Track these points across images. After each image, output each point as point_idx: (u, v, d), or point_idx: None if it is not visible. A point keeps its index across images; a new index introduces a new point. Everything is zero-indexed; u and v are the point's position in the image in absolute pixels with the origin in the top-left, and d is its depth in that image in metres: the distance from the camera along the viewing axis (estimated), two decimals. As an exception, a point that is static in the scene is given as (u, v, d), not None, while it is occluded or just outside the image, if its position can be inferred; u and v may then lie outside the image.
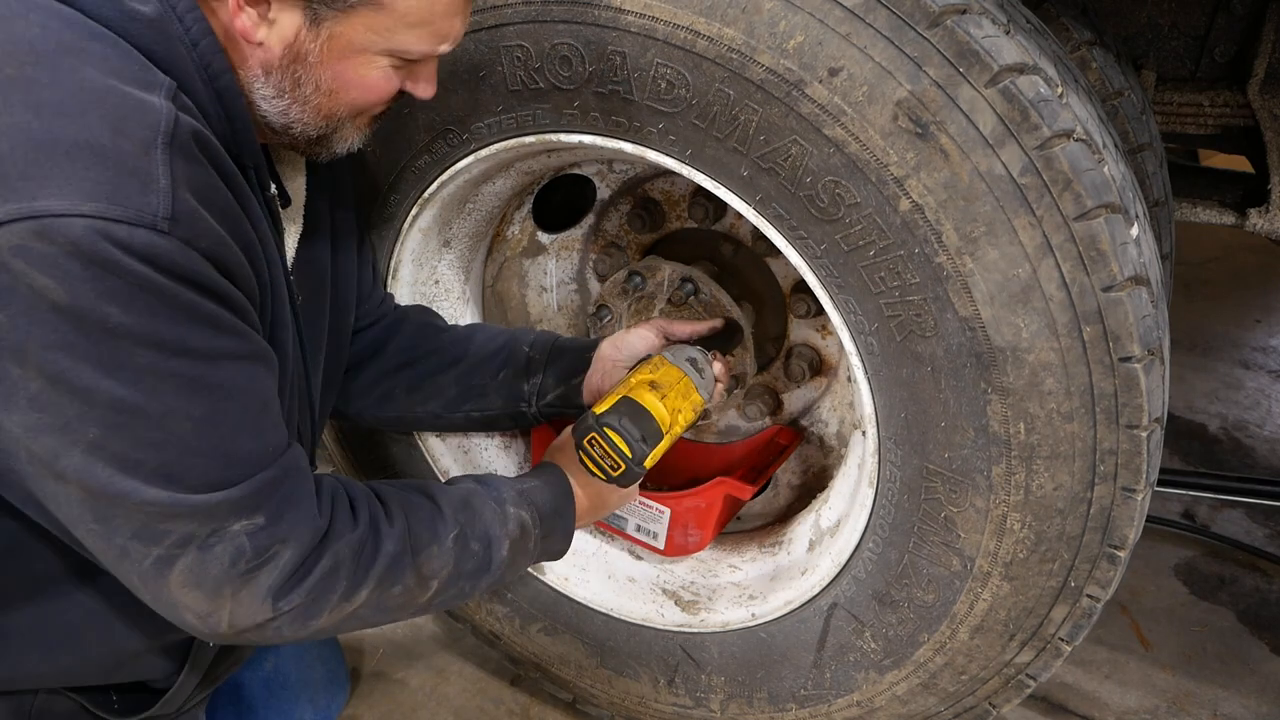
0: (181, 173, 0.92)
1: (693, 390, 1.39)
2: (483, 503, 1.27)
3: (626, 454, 1.29)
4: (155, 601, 1.04)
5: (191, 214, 0.92)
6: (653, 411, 1.31)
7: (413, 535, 1.18)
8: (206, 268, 0.94)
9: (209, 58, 1.00)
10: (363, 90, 1.09)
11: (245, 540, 1.01)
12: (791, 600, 1.58)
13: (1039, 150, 1.08)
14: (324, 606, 1.09)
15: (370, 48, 1.05)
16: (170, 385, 0.94)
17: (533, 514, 1.30)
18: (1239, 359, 3.39)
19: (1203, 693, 2.08)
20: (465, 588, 1.23)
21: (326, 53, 1.04)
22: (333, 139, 1.14)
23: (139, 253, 0.88)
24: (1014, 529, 1.27)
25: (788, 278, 1.68)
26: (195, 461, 0.98)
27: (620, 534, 1.78)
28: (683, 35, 1.18)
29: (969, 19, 1.08)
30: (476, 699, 2.05)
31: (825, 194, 1.19)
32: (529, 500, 1.31)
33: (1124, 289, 1.11)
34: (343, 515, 1.12)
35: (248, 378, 1.01)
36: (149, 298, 0.90)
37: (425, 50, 1.08)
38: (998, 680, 1.43)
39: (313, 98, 1.07)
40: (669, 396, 1.35)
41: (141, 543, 0.98)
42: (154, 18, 0.97)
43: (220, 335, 0.97)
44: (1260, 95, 1.78)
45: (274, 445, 1.05)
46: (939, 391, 1.24)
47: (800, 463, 1.83)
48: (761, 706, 1.68)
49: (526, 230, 1.86)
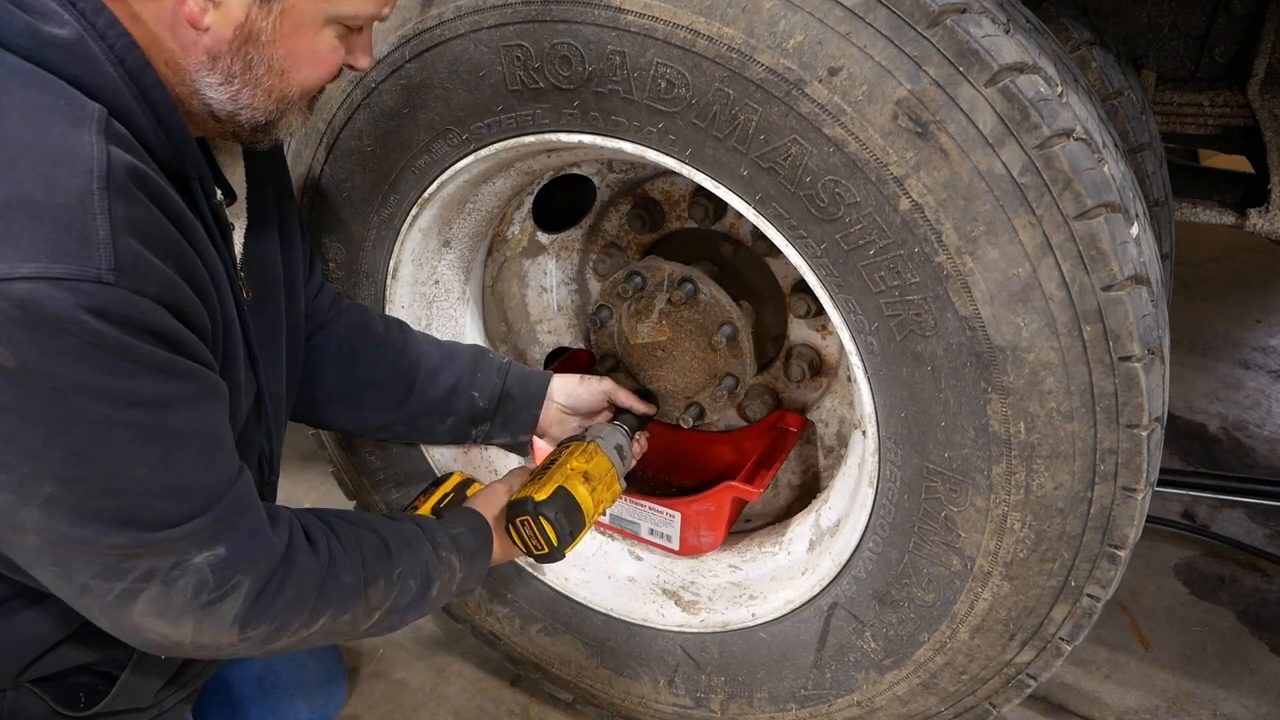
0: (122, 216, 0.90)
1: (615, 481, 1.54)
2: (421, 544, 1.33)
3: (554, 543, 1.45)
4: (115, 629, 1.04)
5: (136, 260, 0.90)
6: (583, 505, 1.47)
7: (365, 567, 1.22)
8: (156, 314, 0.93)
9: (138, 73, 0.97)
10: (314, 65, 1.08)
11: (208, 571, 1.03)
12: (792, 600, 1.58)
13: (1039, 149, 1.08)
14: (286, 631, 1.13)
15: (318, 18, 1.04)
16: (124, 436, 0.94)
17: (459, 559, 1.37)
18: (1239, 359, 3.39)
19: (1203, 693, 2.07)
20: (398, 620, 1.29)
21: (279, 29, 1.02)
22: (278, 124, 1.12)
23: (86, 308, 0.86)
24: (1014, 528, 1.27)
25: (788, 277, 1.68)
26: (153, 502, 0.98)
27: (634, 537, 1.79)
28: (682, 35, 1.18)
29: (969, 18, 1.08)
30: (476, 699, 2.04)
31: (825, 193, 1.19)
32: (458, 546, 1.38)
33: (1124, 288, 1.11)
34: (301, 545, 1.15)
35: (200, 417, 1.01)
36: (98, 353, 0.89)
37: (369, 13, 1.08)
38: (998, 680, 1.43)
39: (264, 79, 1.05)
40: (597, 489, 1.49)
41: (104, 580, 0.99)
42: (73, 41, 0.93)
43: (171, 380, 0.96)
44: (1260, 95, 1.78)
45: (228, 476, 1.06)
46: (939, 391, 1.24)
47: (800, 463, 1.83)
48: (762, 706, 1.68)
49: (526, 230, 1.86)
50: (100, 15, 0.95)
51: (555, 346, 2.00)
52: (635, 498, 1.75)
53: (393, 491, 1.89)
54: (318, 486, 2.71)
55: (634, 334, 1.74)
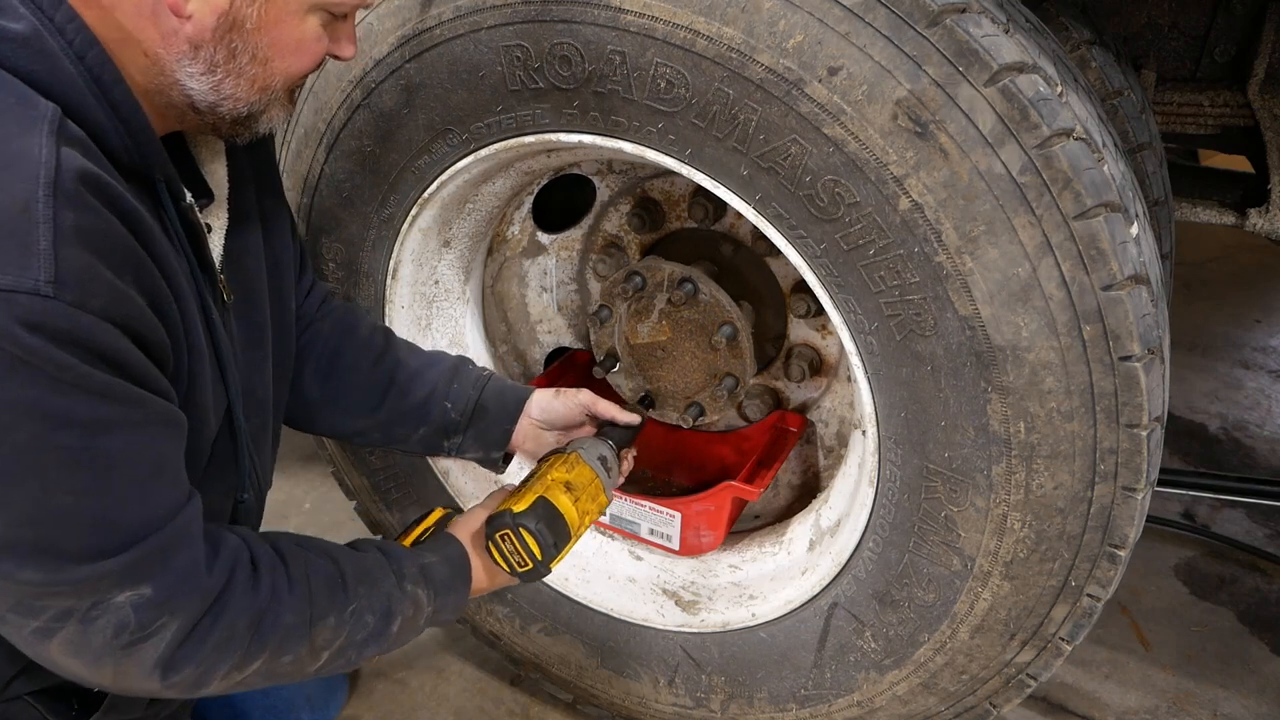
0: (70, 225, 0.85)
1: (601, 492, 1.43)
2: (383, 575, 1.23)
3: (538, 556, 1.33)
4: (38, 659, 0.99)
5: (81, 272, 0.85)
6: (566, 516, 1.36)
7: (313, 605, 1.13)
8: (100, 331, 0.88)
9: (98, 70, 0.92)
10: (298, 54, 1.05)
11: (130, 612, 0.96)
12: (792, 600, 1.58)
13: (1039, 149, 1.08)
14: (214, 676, 1.05)
15: (302, 5, 1.01)
16: (52, 459, 0.88)
17: (429, 592, 1.27)
18: (1239, 359, 3.39)
19: (1203, 693, 2.07)
20: (353, 657, 1.20)
21: (264, 16, 0.99)
22: (260, 117, 1.08)
23: (20, 321, 0.82)
24: (1014, 528, 1.27)
25: (788, 277, 1.68)
26: (75, 532, 0.91)
27: (634, 537, 1.79)
28: (682, 35, 1.18)
29: (968, 18, 1.08)
30: (476, 699, 2.04)
31: (825, 193, 1.19)
32: (427, 577, 1.28)
33: (1124, 288, 1.11)
34: (241, 581, 1.07)
35: (139, 444, 0.94)
36: (30, 370, 0.83)
37: (353, 0, 1.06)
38: (998, 680, 1.43)
39: (248, 69, 1.01)
40: (581, 499, 1.39)
41: (19, 615, 0.94)
42: (28, 35, 0.88)
43: (109, 403, 0.90)
44: (1260, 95, 1.78)
45: (165, 508, 0.99)
46: (939, 391, 1.24)
47: (800, 463, 1.83)
48: (762, 706, 1.68)
49: (526, 230, 1.86)
50: (59, 9, 0.90)
51: (555, 346, 2.00)
52: (635, 498, 1.75)
53: (393, 492, 1.89)
54: (317, 486, 2.71)
55: (634, 334, 1.74)
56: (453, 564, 1.33)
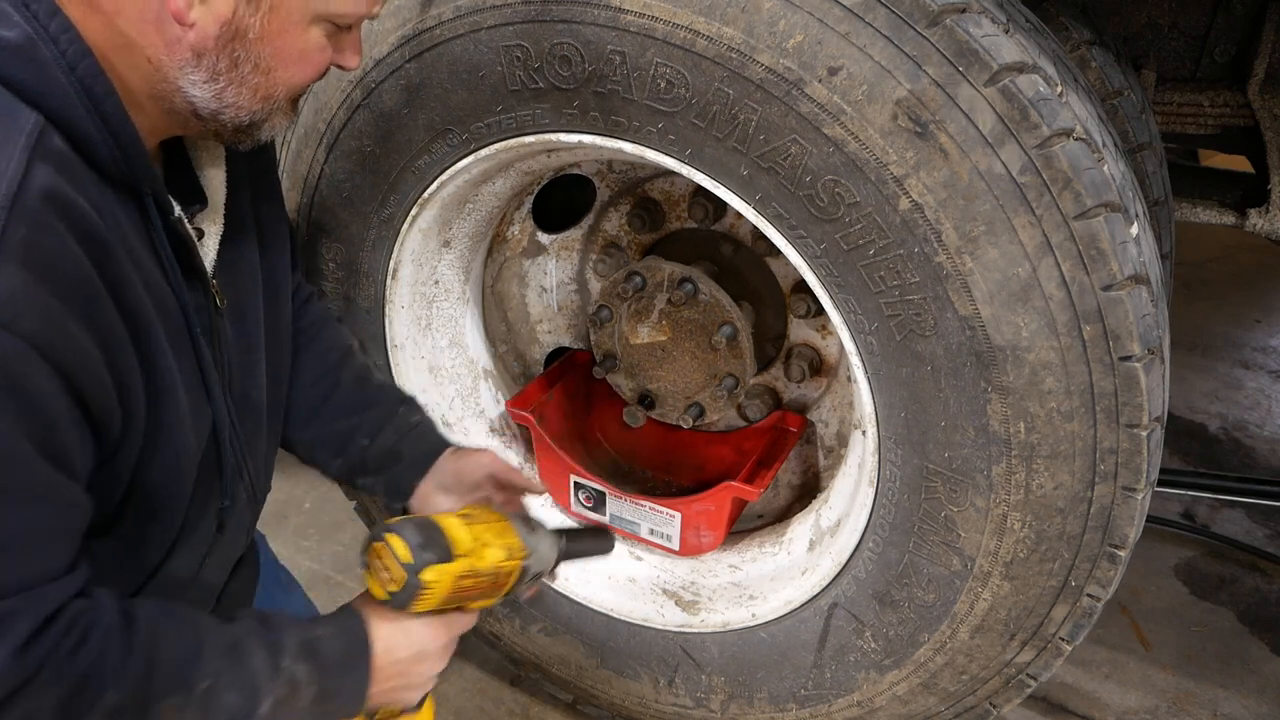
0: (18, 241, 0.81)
1: (511, 533, 1.23)
2: (255, 649, 1.08)
3: (405, 559, 1.10)
4: None
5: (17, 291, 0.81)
6: (448, 532, 1.15)
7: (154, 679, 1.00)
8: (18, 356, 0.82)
9: (90, 81, 0.91)
10: (301, 64, 1.03)
11: None
12: (792, 600, 1.58)
13: (1038, 149, 1.08)
14: None
15: (306, 15, 1.00)
16: None
17: (312, 669, 1.10)
18: (1239, 359, 3.39)
19: (1203, 693, 2.07)
20: None
21: (267, 26, 0.98)
22: (263, 125, 1.06)
23: None
24: (1014, 528, 1.27)
25: (788, 277, 1.68)
26: None
27: (634, 537, 1.79)
28: (682, 35, 1.18)
29: (968, 18, 1.08)
30: (476, 699, 2.04)
31: (825, 193, 1.19)
32: (312, 653, 1.11)
33: (1124, 288, 1.11)
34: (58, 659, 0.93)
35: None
36: None
37: (359, 12, 1.03)
38: (998, 680, 1.43)
39: (250, 77, 1.00)
40: (475, 526, 1.20)
41: None
42: (19, 43, 0.87)
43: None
44: (1260, 95, 1.78)
45: None
46: (939, 391, 1.24)
47: (800, 463, 1.83)
48: (762, 706, 1.68)
49: (526, 230, 1.86)
50: (54, 19, 0.89)
51: (555, 346, 2.00)
52: (635, 498, 1.75)
53: (393, 491, 1.89)
54: (317, 486, 2.71)
55: (634, 334, 1.74)
56: (349, 639, 1.14)
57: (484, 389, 1.91)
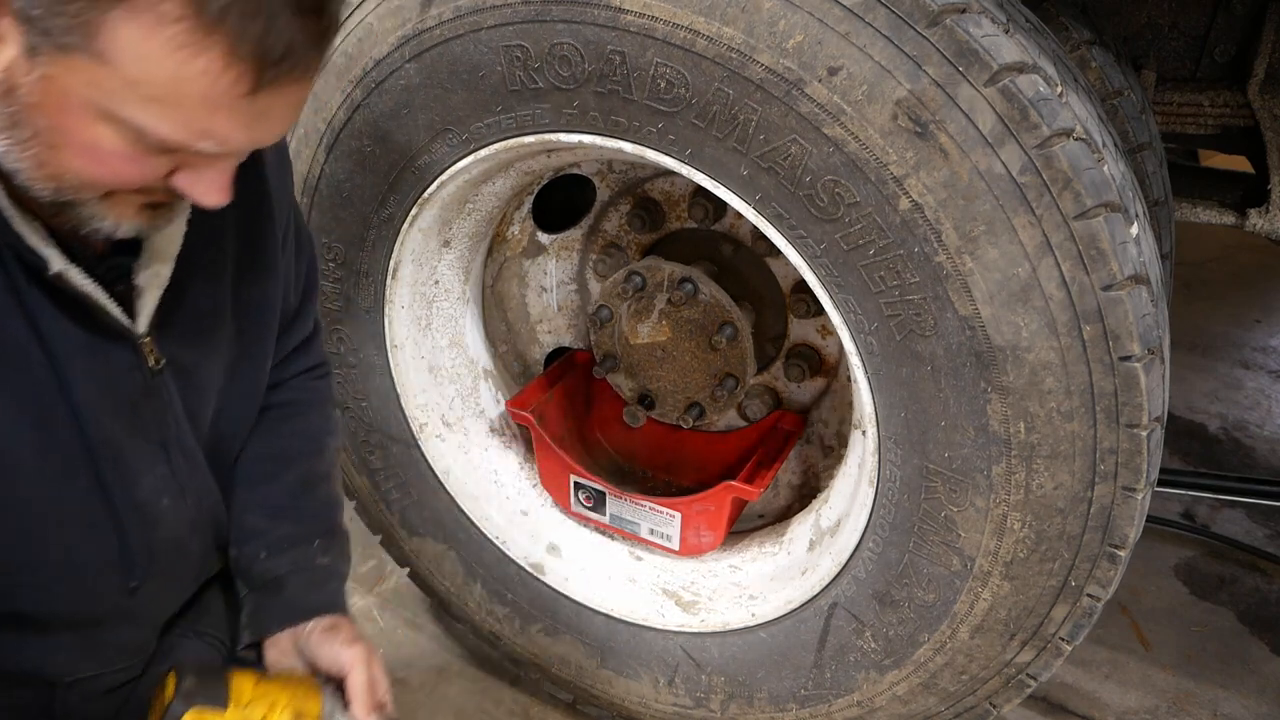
0: None
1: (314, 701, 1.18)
2: None
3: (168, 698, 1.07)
4: None
5: None
6: (231, 678, 1.12)
7: None
8: None
9: None
10: (90, 160, 0.85)
11: None
12: (792, 600, 1.58)
13: (1038, 149, 1.08)
14: None
15: (89, 106, 0.82)
16: None
17: None
18: (1239, 359, 3.39)
19: (1203, 693, 2.07)
20: None
21: (42, 96, 0.82)
22: (79, 212, 0.90)
23: None
24: (1014, 528, 1.27)
25: (788, 277, 1.68)
26: None
27: (634, 537, 1.79)
28: (682, 35, 1.18)
29: (968, 18, 1.08)
30: (476, 699, 2.04)
31: (825, 193, 1.19)
32: None
33: (1124, 288, 1.11)
34: None
35: None
36: None
37: (175, 140, 0.82)
38: (998, 680, 1.43)
39: (32, 145, 0.85)
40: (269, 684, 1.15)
41: None
42: None
43: None
44: (1260, 95, 1.78)
45: None
46: (939, 391, 1.24)
47: (800, 463, 1.83)
48: (762, 706, 1.68)
49: (526, 230, 1.86)
50: None
51: (555, 346, 2.00)
52: (635, 497, 1.75)
53: (393, 492, 1.89)
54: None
55: (634, 334, 1.74)
56: None
57: (484, 389, 1.91)
